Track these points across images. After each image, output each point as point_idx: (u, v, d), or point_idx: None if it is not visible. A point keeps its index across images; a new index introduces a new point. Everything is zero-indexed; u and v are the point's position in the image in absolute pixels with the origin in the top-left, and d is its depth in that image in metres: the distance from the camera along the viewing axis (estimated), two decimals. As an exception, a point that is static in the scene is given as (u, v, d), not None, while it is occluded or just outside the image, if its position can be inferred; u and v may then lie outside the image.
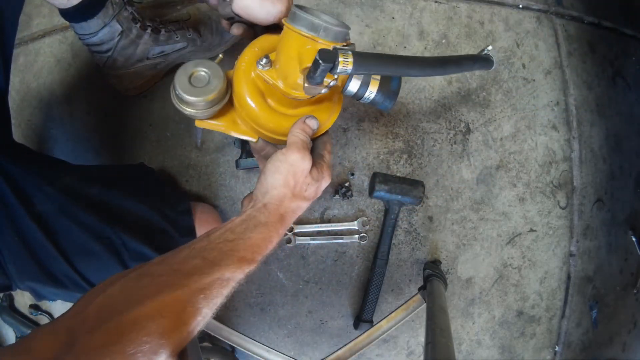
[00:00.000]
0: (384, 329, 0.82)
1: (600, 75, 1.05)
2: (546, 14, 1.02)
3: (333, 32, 0.48)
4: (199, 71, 0.53)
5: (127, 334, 0.33)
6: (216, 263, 0.40)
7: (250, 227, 0.44)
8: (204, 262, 0.40)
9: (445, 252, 0.97)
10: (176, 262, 0.40)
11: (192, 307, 0.37)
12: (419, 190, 0.88)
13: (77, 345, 0.33)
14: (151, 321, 0.34)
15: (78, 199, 0.61)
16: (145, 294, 0.36)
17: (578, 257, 1.03)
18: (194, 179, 0.91)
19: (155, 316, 0.34)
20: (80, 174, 0.66)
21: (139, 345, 0.33)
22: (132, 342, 0.33)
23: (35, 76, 0.92)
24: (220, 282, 0.39)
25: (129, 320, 0.34)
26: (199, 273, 0.38)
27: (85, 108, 0.91)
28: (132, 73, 0.82)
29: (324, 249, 0.94)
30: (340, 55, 0.43)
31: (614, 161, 1.06)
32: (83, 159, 0.91)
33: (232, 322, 0.94)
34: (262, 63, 0.53)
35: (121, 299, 0.36)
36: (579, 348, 1.06)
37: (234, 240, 0.43)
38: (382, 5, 0.95)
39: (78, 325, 0.34)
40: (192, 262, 0.39)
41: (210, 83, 0.53)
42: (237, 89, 0.56)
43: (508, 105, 0.98)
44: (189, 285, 0.37)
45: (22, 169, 0.59)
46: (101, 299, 0.36)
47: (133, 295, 0.36)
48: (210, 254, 0.41)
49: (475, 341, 1.01)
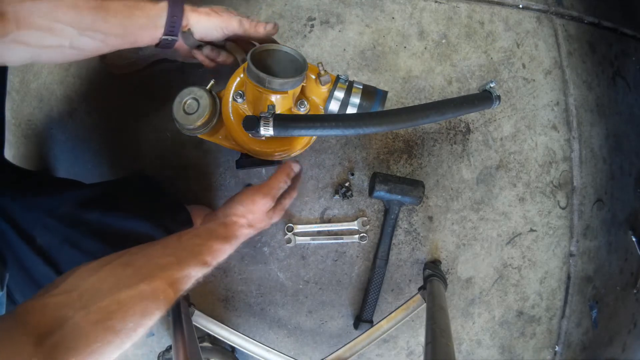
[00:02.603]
0: (384, 329, 0.82)
1: (600, 75, 1.05)
2: (546, 14, 1.02)
3: (277, 83, 0.54)
4: (190, 99, 0.63)
5: (116, 313, 0.40)
6: (186, 262, 0.49)
7: (212, 238, 0.54)
8: (177, 259, 0.48)
9: (445, 252, 0.97)
10: (154, 257, 0.48)
11: (166, 295, 0.45)
12: (419, 190, 0.88)
13: (73, 320, 0.38)
14: (135, 304, 0.42)
15: (78, 227, 0.61)
16: (130, 282, 0.43)
17: (578, 257, 1.03)
18: (194, 179, 0.91)
19: (137, 300, 0.42)
20: (77, 199, 0.65)
21: (125, 323, 0.41)
22: (120, 320, 0.40)
23: (35, 76, 0.92)
24: (187, 278, 0.48)
25: (118, 302, 0.41)
26: (172, 268, 0.47)
27: (85, 108, 0.91)
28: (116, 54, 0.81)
29: (324, 249, 0.94)
30: (262, 122, 0.51)
31: (614, 161, 1.06)
32: (82, 159, 0.91)
33: (232, 322, 0.94)
34: (238, 97, 0.61)
35: (110, 283, 0.42)
36: (579, 348, 1.06)
37: (200, 245, 0.52)
38: (382, 5, 0.95)
39: (70, 302, 0.40)
40: (167, 259, 0.48)
41: (199, 109, 0.62)
42: (223, 113, 0.64)
43: (508, 105, 0.98)
44: (164, 277, 0.46)
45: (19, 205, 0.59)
46: (93, 280, 0.42)
47: (120, 281, 0.43)
48: (182, 254, 0.49)
49: (475, 341, 1.01)
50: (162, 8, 0.58)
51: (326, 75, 0.61)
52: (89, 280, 0.42)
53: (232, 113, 0.63)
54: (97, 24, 0.53)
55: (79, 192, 0.68)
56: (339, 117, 0.52)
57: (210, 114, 0.62)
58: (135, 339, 0.42)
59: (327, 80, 0.62)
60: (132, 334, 0.41)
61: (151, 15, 0.57)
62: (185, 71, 0.90)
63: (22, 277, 0.59)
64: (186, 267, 0.48)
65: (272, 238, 0.93)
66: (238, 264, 0.93)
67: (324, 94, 0.64)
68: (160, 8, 0.58)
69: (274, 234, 0.93)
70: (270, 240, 0.93)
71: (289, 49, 0.59)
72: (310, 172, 0.92)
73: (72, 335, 0.38)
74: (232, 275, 0.93)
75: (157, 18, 0.58)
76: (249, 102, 0.61)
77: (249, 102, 0.61)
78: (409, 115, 0.54)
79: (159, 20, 0.58)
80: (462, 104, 0.59)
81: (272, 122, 0.50)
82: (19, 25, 0.47)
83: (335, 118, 0.52)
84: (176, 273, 0.47)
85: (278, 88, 0.54)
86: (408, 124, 0.55)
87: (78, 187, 0.70)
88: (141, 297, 0.43)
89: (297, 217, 0.93)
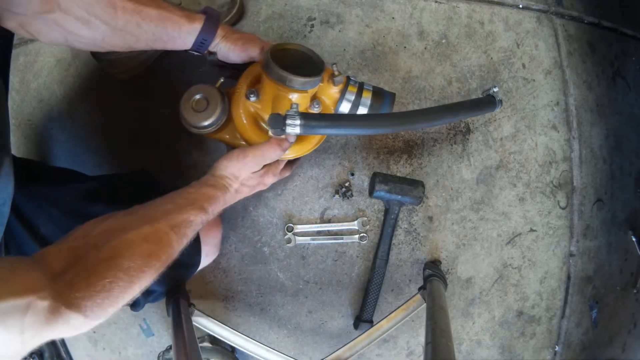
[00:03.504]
0: (384, 329, 0.82)
1: (600, 75, 1.05)
2: (546, 14, 1.02)
3: (299, 82, 0.55)
4: (199, 97, 0.62)
5: (124, 250, 0.44)
6: (183, 207, 0.53)
7: (204, 186, 0.58)
8: (175, 205, 0.53)
9: (445, 252, 0.97)
10: (154, 205, 0.52)
11: (168, 237, 0.49)
12: (419, 190, 0.88)
13: (85, 259, 0.41)
14: (141, 244, 0.46)
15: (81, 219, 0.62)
16: (135, 225, 0.47)
17: (578, 257, 1.03)
18: (194, 179, 0.91)
19: (142, 241, 0.46)
20: (82, 191, 0.66)
21: (132, 260, 0.44)
22: (127, 257, 0.44)
23: (35, 76, 0.92)
24: (186, 222, 0.52)
25: (126, 242, 0.45)
26: (171, 213, 0.51)
27: (85, 108, 0.91)
28: (123, 58, 0.82)
29: (324, 249, 0.94)
30: (289, 120, 0.51)
31: (614, 161, 1.06)
32: (82, 159, 0.91)
33: (232, 322, 0.94)
34: (252, 96, 0.61)
35: (117, 227, 0.46)
36: (579, 348, 1.06)
37: (195, 192, 0.57)
38: (382, 5, 0.95)
39: (82, 245, 0.43)
40: (167, 206, 0.52)
41: (209, 108, 0.62)
42: (234, 112, 0.64)
43: (508, 105, 0.98)
44: (165, 221, 0.50)
45: (23, 194, 0.60)
46: (102, 227, 0.46)
47: (126, 225, 0.47)
48: (179, 201, 0.54)
49: (475, 341, 1.01)
50: (195, 28, 0.60)
51: (340, 76, 0.62)
52: (98, 227, 0.46)
53: (242, 114, 0.63)
54: (130, 27, 0.55)
55: (84, 184, 0.69)
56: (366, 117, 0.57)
57: (220, 112, 0.62)
58: (143, 282, 0.45)
59: (341, 81, 0.62)
60: (139, 274, 0.44)
61: (182, 31, 0.59)
62: (185, 70, 0.90)
63: None
64: (184, 212, 0.52)
65: (272, 238, 0.93)
66: (238, 264, 0.93)
67: (335, 95, 0.64)
68: (193, 27, 0.60)
69: (274, 234, 0.93)
70: (270, 240, 0.93)
71: (306, 49, 0.59)
72: (310, 172, 0.92)
73: (83, 272, 0.40)
74: (232, 275, 0.93)
75: (188, 35, 0.60)
76: (264, 101, 0.61)
77: (264, 101, 0.61)
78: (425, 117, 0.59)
79: (189, 37, 0.60)
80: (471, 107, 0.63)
81: (300, 121, 0.50)
82: (60, 9, 0.49)
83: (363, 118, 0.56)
84: (176, 217, 0.51)
85: (299, 87, 0.55)
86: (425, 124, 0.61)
87: (82, 179, 0.72)
88: (145, 237, 0.46)
89: (297, 217, 0.93)
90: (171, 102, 0.90)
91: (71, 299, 0.38)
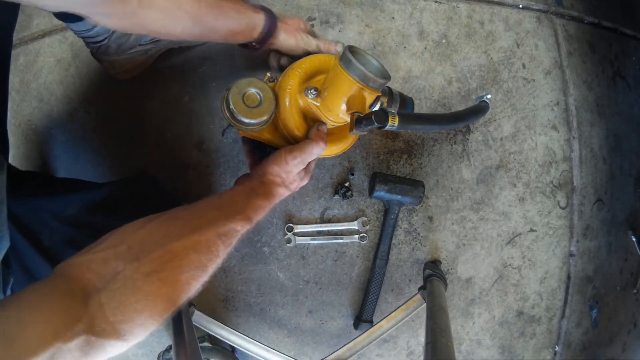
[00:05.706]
0: (384, 329, 0.82)
1: (600, 75, 1.05)
2: (546, 14, 1.02)
3: (379, 84, 0.55)
4: (251, 90, 0.58)
5: (169, 263, 0.39)
6: (231, 216, 0.49)
7: (253, 195, 0.54)
8: (222, 214, 0.49)
9: (445, 252, 0.97)
10: (200, 211, 0.48)
11: (216, 247, 0.45)
12: (419, 190, 0.88)
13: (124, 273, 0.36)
14: (189, 254, 0.41)
15: (84, 229, 0.62)
16: (180, 233, 0.42)
17: (578, 257, 1.03)
18: (194, 179, 0.91)
19: (191, 251, 0.41)
20: (83, 202, 0.66)
21: (180, 274, 0.39)
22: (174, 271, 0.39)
23: (35, 76, 0.92)
24: (233, 232, 0.48)
25: (170, 252, 0.40)
26: (219, 222, 0.47)
27: (85, 108, 0.91)
28: (124, 59, 0.82)
29: (324, 249, 0.94)
30: (390, 118, 0.53)
31: (614, 161, 1.06)
32: (82, 159, 0.91)
33: (232, 322, 0.94)
34: (311, 92, 0.59)
35: (160, 234, 0.41)
36: (579, 348, 1.06)
37: (243, 201, 0.53)
38: (382, 5, 0.95)
39: (121, 255, 0.38)
40: (214, 213, 0.48)
41: (262, 104, 0.58)
42: (284, 108, 0.61)
43: (508, 105, 0.98)
44: (213, 229, 0.46)
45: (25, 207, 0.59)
46: (141, 234, 0.41)
47: (170, 233, 0.42)
48: (227, 209, 0.50)
49: (475, 341, 1.01)
50: (260, 18, 0.63)
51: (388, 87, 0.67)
52: (136, 234, 0.40)
53: (294, 111, 0.61)
54: (209, 18, 0.55)
55: (84, 195, 0.69)
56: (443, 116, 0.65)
57: (274, 109, 0.59)
58: (188, 296, 0.41)
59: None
60: (185, 288, 0.40)
61: (250, 22, 0.61)
62: (185, 71, 0.90)
63: (24, 278, 0.59)
64: (232, 221, 0.48)
65: (272, 238, 0.93)
66: (238, 264, 0.93)
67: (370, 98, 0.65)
68: (259, 17, 0.62)
69: (274, 234, 0.93)
70: (270, 240, 0.93)
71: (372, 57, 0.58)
72: (310, 172, 0.93)
73: (122, 289, 0.35)
74: (232, 275, 0.93)
75: (256, 26, 0.62)
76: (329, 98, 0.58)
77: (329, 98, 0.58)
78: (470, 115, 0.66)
79: (257, 28, 0.63)
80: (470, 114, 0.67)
81: (398, 118, 0.54)
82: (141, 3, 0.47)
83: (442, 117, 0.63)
84: (223, 226, 0.47)
85: (377, 88, 0.56)
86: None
87: (83, 189, 0.71)
88: (194, 248, 0.42)
89: (297, 217, 0.93)
90: (170, 102, 0.91)
91: (108, 324, 0.34)
